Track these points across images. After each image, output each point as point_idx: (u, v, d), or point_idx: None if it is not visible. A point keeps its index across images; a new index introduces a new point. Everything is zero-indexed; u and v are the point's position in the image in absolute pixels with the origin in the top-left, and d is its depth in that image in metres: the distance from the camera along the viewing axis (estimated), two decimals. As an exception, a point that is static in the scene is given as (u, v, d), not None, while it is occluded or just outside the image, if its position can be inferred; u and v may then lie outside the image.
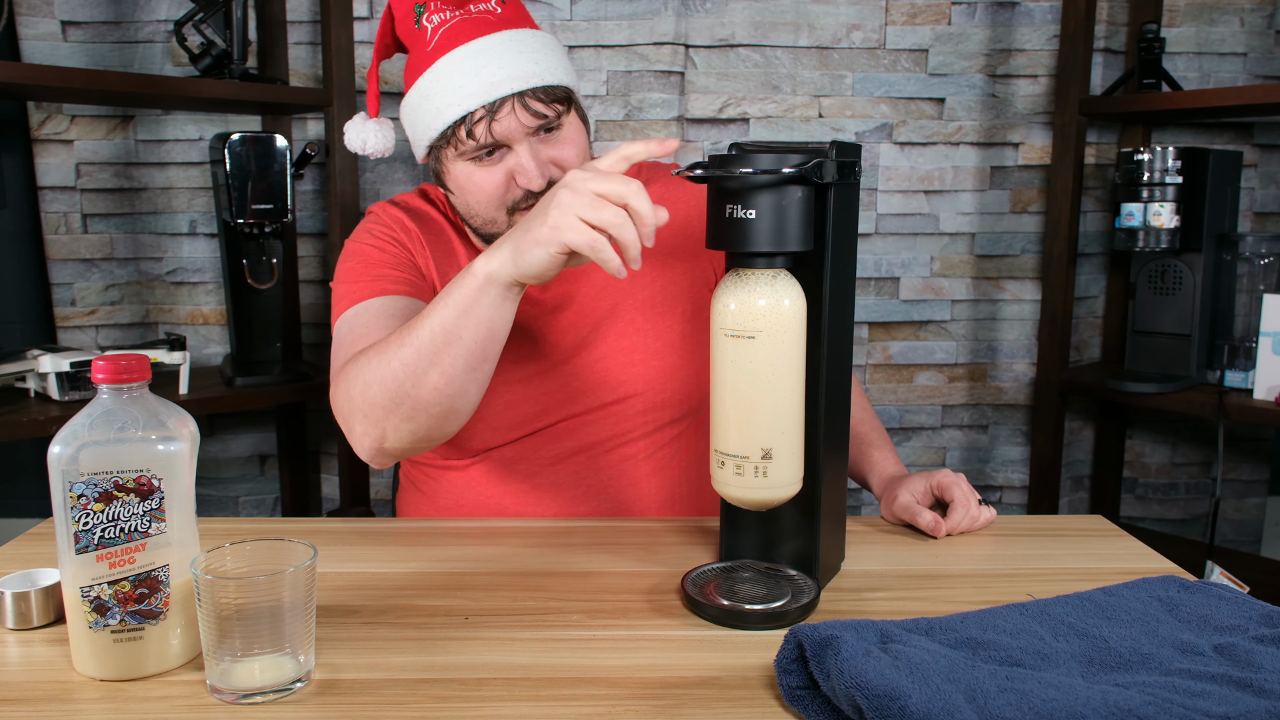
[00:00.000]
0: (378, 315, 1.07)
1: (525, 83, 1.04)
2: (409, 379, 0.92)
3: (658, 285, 1.20)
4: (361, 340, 1.04)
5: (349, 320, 1.09)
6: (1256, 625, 0.76)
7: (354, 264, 1.15)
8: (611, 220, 0.82)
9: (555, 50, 1.10)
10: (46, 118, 1.99)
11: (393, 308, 1.08)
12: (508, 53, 1.05)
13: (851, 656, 0.65)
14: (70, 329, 2.06)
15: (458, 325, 0.90)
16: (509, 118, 1.04)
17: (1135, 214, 1.86)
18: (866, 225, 2.14)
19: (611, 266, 0.83)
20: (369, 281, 1.12)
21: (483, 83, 1.03)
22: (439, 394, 0.93)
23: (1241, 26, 2.12)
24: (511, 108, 1.04)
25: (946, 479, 1.05)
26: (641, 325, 1.17)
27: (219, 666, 0.70)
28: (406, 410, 0.94)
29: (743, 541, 0.95)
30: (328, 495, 2.23)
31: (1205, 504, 2.28)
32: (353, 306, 1.10)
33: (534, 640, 0.80)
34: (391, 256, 1.15)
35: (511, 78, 1.04)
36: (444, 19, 1.07)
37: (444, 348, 0.91)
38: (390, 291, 1.10)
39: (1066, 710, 0.61)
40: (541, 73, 1.05)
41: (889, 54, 2.09)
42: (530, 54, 1.06)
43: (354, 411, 0.97)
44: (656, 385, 1.16)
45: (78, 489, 0.71)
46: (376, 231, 1.17)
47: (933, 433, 2.23)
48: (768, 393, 0.80)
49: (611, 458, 1.16)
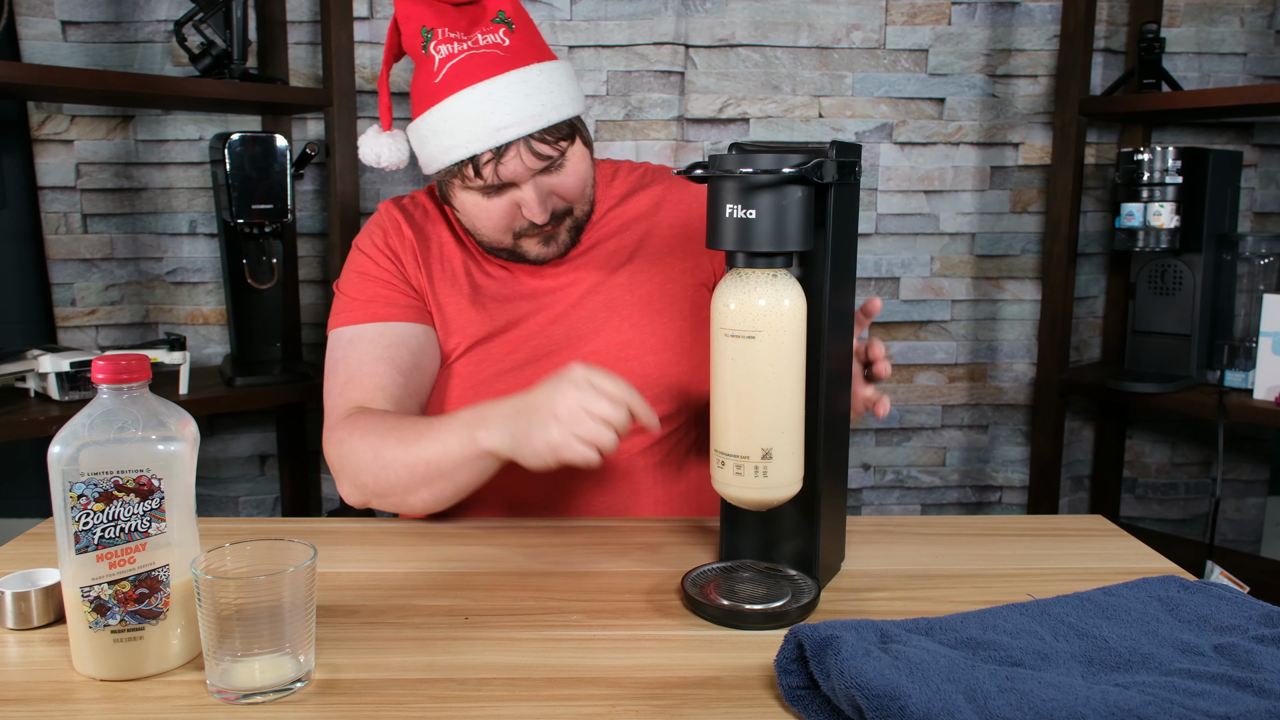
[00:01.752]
0: (369, 351, 1.14)
1: (531, 126, 1.06)
2: (400, 486, 1.03)
3: (655, 283, 1.20)
4: (354, 379, 1.12)
5: (343, 343, 1.16)
6: (1256, 625, 0.76)
7: (353, 274, 1.20)
8: (606, 441, 0.89)
9: (562, 83, 1.11)
10: (46, 118, 1.99)
11: (384, 341, 1.14)
12: (515, 96, 1.07)
13: (851, 656, 0.65)
14: (70, 329, 2.06)
15: (452, 472, 1.00)
16: (515, 160, 1.07)
17: (1135, 214, 1.86)
18: (866, 225, 2.14)
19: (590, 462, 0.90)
20: (364, 302, 1.17)
21: (490, 127, 1.06)
22: (424, 505, 1.05)
23: (1241, 26, 2.12)
24: (518, 151, 1.07)
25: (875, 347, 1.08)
26: (637, 321, 1.18)
27: (219, 666, 0.70)
28: (393, 502, 1.06)
29: (743, 541, 0.95)
30: (328, 495, 2.23)
31: (1205, 504, 2.28)
32: (348, 326, 1.16)
33: (534, 640, 0.80)
34: (385, 272, 1.18)
35: (518, 123, 1.06)
36: (451, 51, 1.08)
37: (436, 480, 1.01)
38: (383, 318, 1.16)
39: (1066, 710, 0.61)
40: (547, 113, 1.08)
41: (889, 54, 2.09)
42: (538, 95, 1.08)
43: (343, 475, 1.07)
44: (651, 380, 1.17)
45: (78, 489, 0.71)
46: (375, 238, 1.21)
47: (933, 433, 2.23)
48: (768, 393, 0.80)
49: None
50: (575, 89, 1.14)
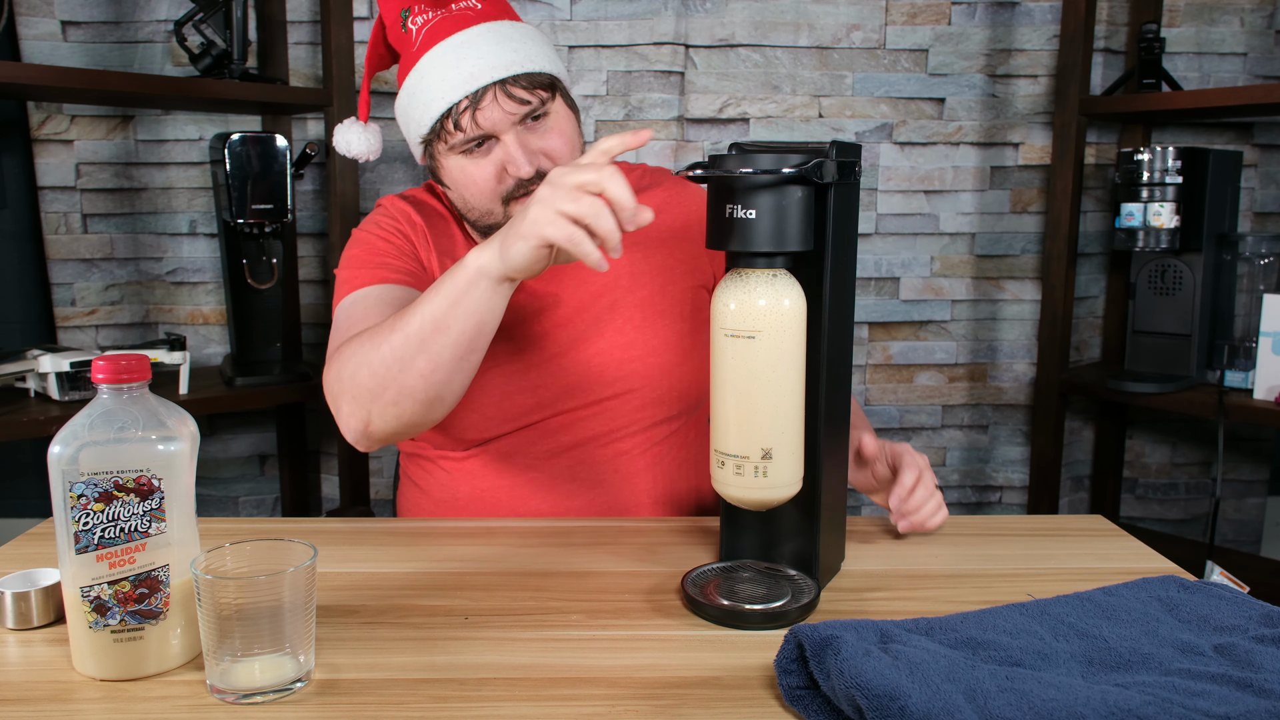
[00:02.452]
0: (375, 303, 1.09)
1: (506, 70, 1.06)
2: (397, 364, 0.94)
3: (657, 284, 1.20)
4: (358, 326, 1.05)
5: (347, 307, 1.11)
6: (1256, 625, 0.76)
7: (358, 251, 1.17)
8: (588, 211, 0.82)
9: (536, 39, 1.12)
10: (46, 118, 1.99)
11: (391, 296, 1.10)
12: (486, 44, 1.07)
13: (851, 656, 0.65)
14: (70, 329, 2.06)
15: (447, 315, 0.92)
16: (492, 106, 1.06)
17: (1135, 214, 1.86)
18: (866, 225, 2.14)
19: (592, 260, 0.83)
20: (371, 269, 1.13)
21: (463, 74, 1.06)
22: (425, 381, 0.95)
23: (1241, 26, 2.12)
24: (494, 96, 1.06)
25: (907, 457, 1.03)
26: (639, 323, 1.18)
27: (219, 666, 0.70)
28: (393, 394, 0.96)
29: (743, 541, 0.95)
30: (328, 495, 2.23)
31: (1205, 504, 2.28)
32: (353, 293, 1.12)
33: (534, 640, 0.80)
34: (395, 247, 1.16)
35: (491, 67, 1.06)
36: (427, 19, 1.10)
37: (433, 336, 0.93)
38: (390, 280, 1.12)
39: (1066, 710, 0.61)
40: (522, 60, 1.07)
41: (889, 54, 2.09)
42: (510, 43, 1.08)
43: (342, 393, 0.99)
44: (652, 382, 1.17)
45: (78, 489, 0.71)
46: (382, 223, 1.19)
47: (933, 433, 2.23)
48: (768, 393, 0.80)
49: (606, 452, 1.17)
50: (551, 51, 1.13)
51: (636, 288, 1.19)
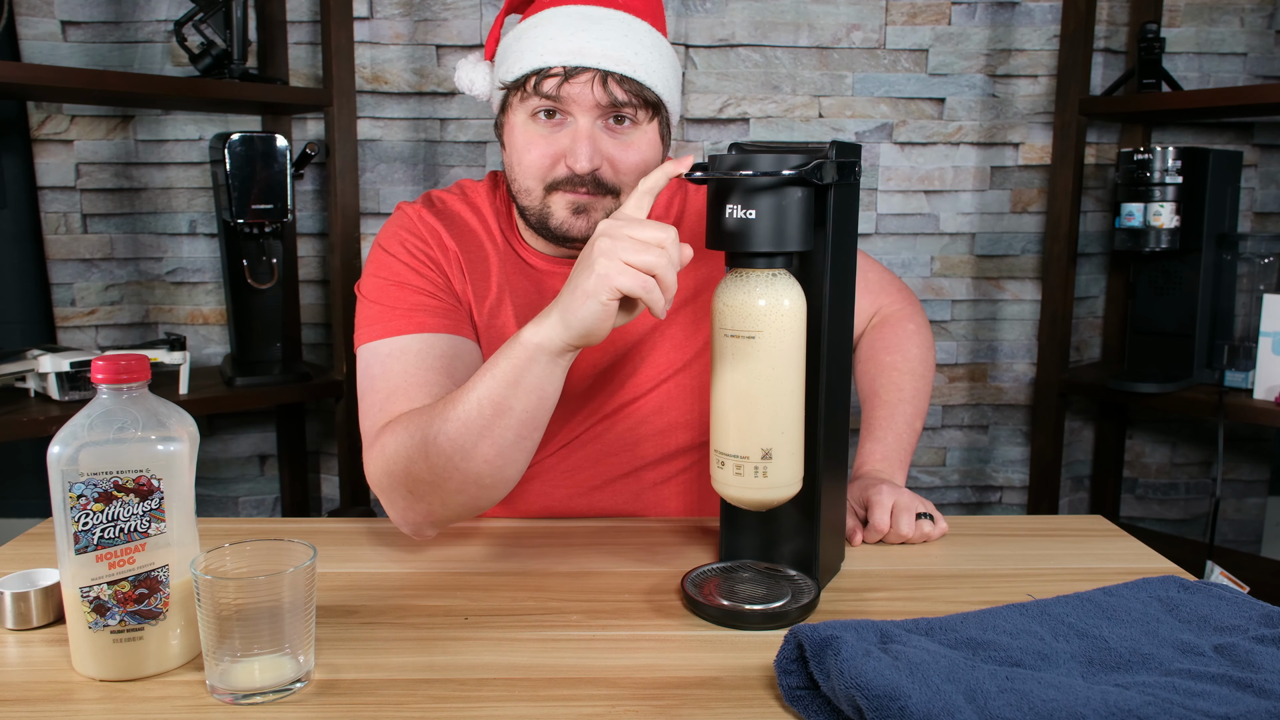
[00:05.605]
0: (416, 362, 1.02)
1: (614, 65, 0.99)
2: (457, 453, 0.90)
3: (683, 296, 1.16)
4: (397, 389, 1.00)
5: (383, 359, 1.03)
6: (1256, 625, 0.76)
7: (387, 281, 1.08)
8: (656, 262, 0.80)
9: (664, 58, 1.04)
10: (46, 118, 1.99)
11: (433, 351, 1.03)
12: (612, 32, 1.00)
13: (851, 657, 0.65)
14: (70, 329, 2.06)
15: (507, 396, 0.87)
16: (583, 86, 0.99)
17: (1135, 214, 1.86)
18: (866, 225, 2.14)
19: (658, 309, 0.81)
20: (405, 312, 1.05)
21: (574, 46, 0.98)
22: (489, 466, 0.91)
23: (1241, 26, 2.12)
24: (590, 80, 0.99)
25: (875, 496, 1.03)
26: (680, 342, 1.15)
27: (219, 667, 0.70)
28: (455, 484, 0.92)
29: (743, 541, 0.95)
30: (328, 495, 2.23)
31: (1205, 504, 2.28)
32: (386, 339, 1.04)
33: (534, 640, 0.80)
34: (429, 281, 1.08)
35: (604, 53, 0.98)
36: None
37: (493, 420, 0.88)
38: (429, 327, 1.04)
39: (1066, 710, 0.61)
40: (635, 66, 1.00)
41: (889, 54, 2.09)
42: (633, 43, 1.00)
43: (395, 487, 0.95)
44: (685, 405, 1.15)
45: (77, 489, 0.71)
46: (411, 246, 1.10)
47: (933, 433, 2.23)
48: (768, 393, 0.80)
49: (629, 479, 1.15)
50: (673, 78, 1.06)
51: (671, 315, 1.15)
